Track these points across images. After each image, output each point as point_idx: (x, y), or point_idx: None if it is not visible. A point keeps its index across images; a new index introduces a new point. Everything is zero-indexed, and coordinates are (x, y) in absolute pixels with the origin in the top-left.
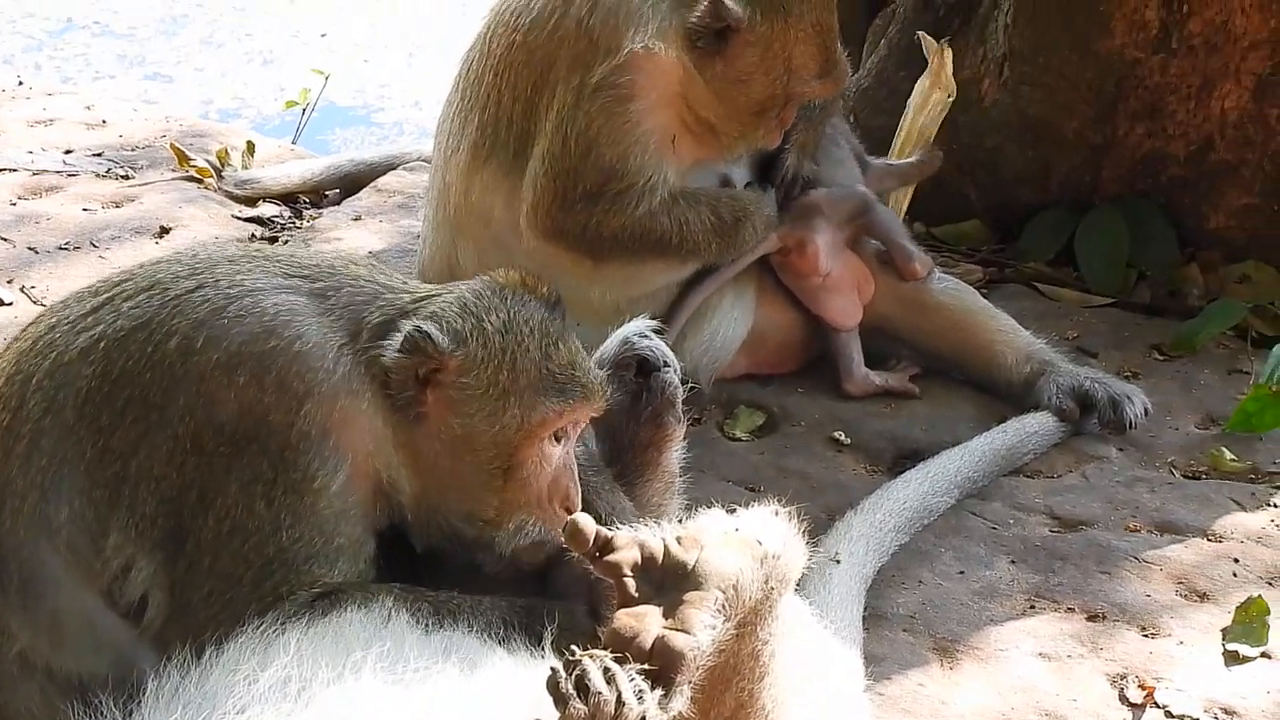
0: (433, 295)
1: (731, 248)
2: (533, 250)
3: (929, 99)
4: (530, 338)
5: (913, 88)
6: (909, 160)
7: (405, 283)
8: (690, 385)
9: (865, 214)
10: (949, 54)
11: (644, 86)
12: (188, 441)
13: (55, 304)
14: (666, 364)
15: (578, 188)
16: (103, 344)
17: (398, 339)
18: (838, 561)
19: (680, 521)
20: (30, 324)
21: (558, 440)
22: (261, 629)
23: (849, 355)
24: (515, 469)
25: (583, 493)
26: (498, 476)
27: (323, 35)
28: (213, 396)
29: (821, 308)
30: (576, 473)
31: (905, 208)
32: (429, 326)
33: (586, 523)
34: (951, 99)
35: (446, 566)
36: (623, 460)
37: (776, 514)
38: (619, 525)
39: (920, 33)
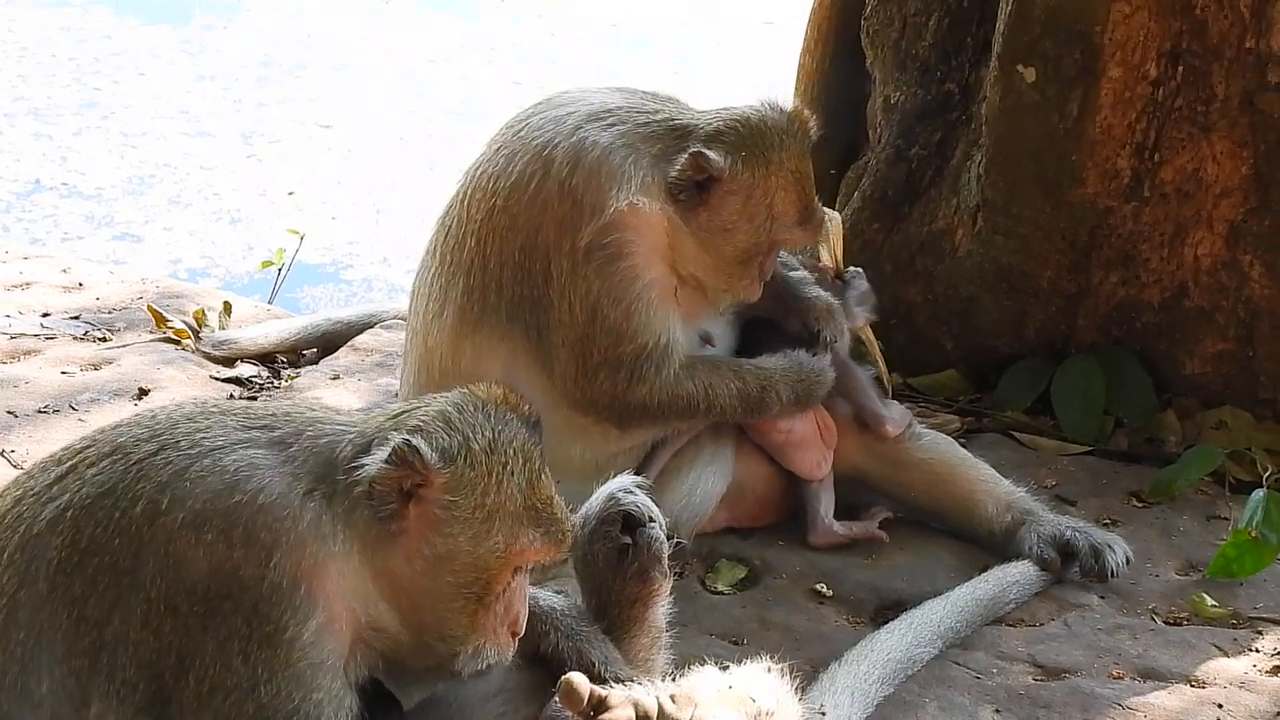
0: (411, 409)
1: (757, 414)
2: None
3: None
4: (515, 461)
5: (886, 240)
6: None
7: (365, 415)
8: (675, 540)
9: (838, 377)
10: None
11: (633, 242)
12: (161, 604)
13: (20, 475)
14: (652, 519)
15: (593, 355)
16: (70, 513)
17: (383, 452)
18: (823, 714)
19: (671, 678)
20: None
21: (523, 571)
22: None
23: (814, 507)
24: (487, 593)
25: (575, 644)
26: (472, 600)
27: (290, 193)
28: (182, 557)
29: (788, 462)
30: (527, 598)
31: (879, 354)
32: (418, 440)
33: (580, 682)
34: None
35: None
36: (609, 616)
37: (769, 669)
38: (613, 683)
39: None
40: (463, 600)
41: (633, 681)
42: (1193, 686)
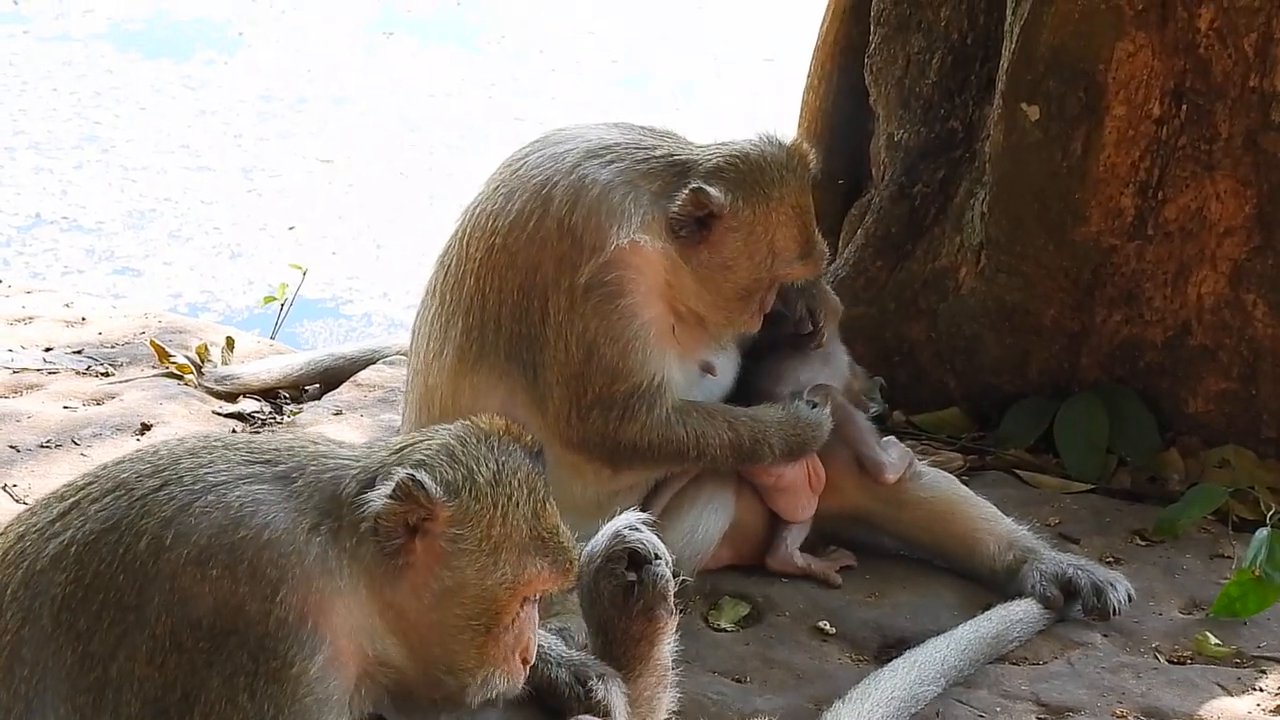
0: (414, 442)
1: (748, 464)
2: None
3: None
4: (520, 492)
5: (889, 277)
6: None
7: (369, 447)
8: (678, 577)
9: (837, 423)
10: None
11: (633, 280)
12: (166, 640)
13: (22, 512)
14: (658, 556)
15: (587, 393)
16: (73, 549)
17: (389, 486)
18: None
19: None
20: None
21: (532, 601)
22: None
23: (782, 534)
24: (496, 624)
25: (575, 671)
26: (481, 631)
27: (290, 228)
28: (187, 593)
29: (773, 503)
30: (536, 626)
31: None
32: (422, 475)
33: None
34: None
35: None
36: (614, 655)
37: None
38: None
39: None
40: (471, 632)
41: None
42: None
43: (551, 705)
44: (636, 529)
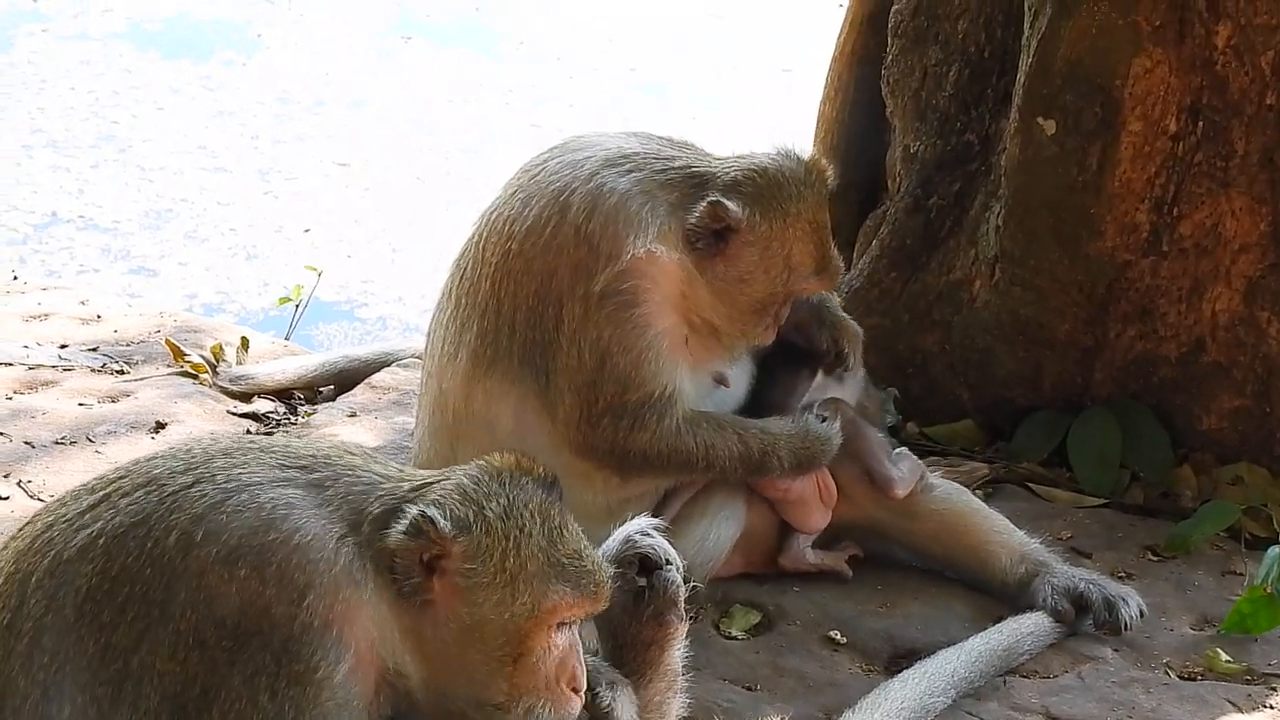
0: (432, 482)
1: (757, 476)
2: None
3: None
4: (532, 522)
5: (904, 289)
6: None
7: (401, 470)
8: (690, 584)
9: (848, 437)
10: None
11: (648, 290)
12: (190, 636)
13: (51, 502)
14: (669, 562)
15: (598, 401)
16: (101, 541)
17: (403, 523)
18: None
19: None
20: (27, 523)
21: (565, 627)
22: None
23: (793, 535)
24: (525, 655)
25: (597, 695)
26: (507, 663)
27: (306, 231)
28: (214, 591)
29: (785, 515)
30: (582, 653)
31: None
32: (433, 511)
33: None
34: None
35: None
36: (624, 660)
37: None
38: None
39: None
40: (498, 664)
41: None
42: None
43: None
44: (648, 534)
